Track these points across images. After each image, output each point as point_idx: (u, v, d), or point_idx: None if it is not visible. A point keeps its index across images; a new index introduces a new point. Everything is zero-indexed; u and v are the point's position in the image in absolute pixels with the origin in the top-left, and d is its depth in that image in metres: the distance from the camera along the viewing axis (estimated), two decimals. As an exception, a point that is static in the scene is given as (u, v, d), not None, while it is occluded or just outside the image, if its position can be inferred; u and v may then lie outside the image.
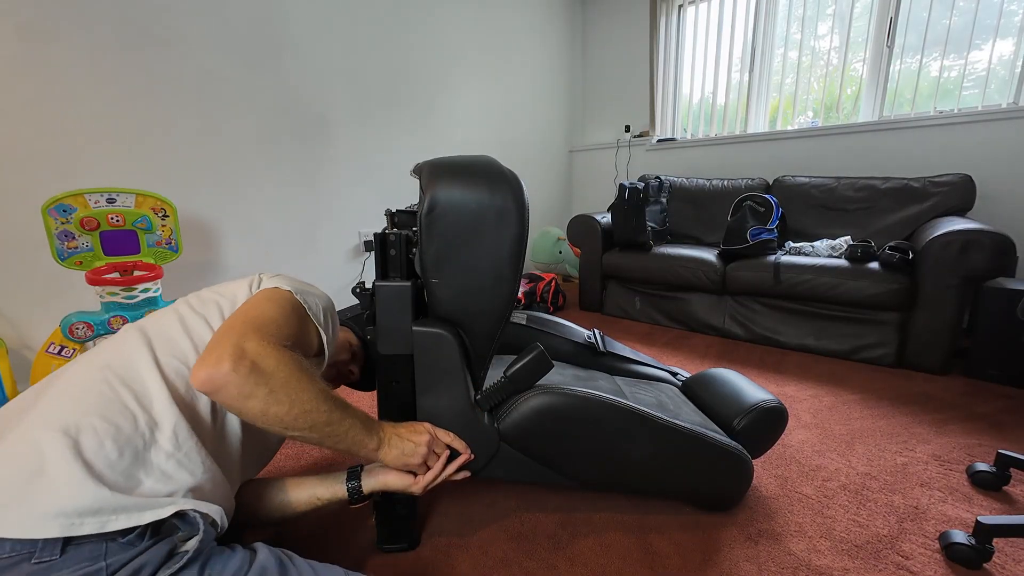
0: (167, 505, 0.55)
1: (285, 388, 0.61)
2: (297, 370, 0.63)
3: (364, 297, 0.88)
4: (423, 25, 2.52)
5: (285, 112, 2.03)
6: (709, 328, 2.21)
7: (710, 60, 3.01)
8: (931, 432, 1.31)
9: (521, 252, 0.82)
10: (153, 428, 0.59)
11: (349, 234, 2.37)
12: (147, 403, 0.61)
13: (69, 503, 0.50)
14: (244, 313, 0.68)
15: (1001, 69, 2.11)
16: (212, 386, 0.59)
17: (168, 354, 0.66)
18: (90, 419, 0.56)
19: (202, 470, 0.61)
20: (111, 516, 0.51)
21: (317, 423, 0.65)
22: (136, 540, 0.53)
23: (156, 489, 0.56)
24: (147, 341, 0.66)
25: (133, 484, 0.55)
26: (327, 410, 0.66)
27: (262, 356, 0.61)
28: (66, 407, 0.57)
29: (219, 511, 0.61)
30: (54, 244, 1.34)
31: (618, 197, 2.38)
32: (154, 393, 0.61)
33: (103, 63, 1.56)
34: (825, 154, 2.57)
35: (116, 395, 0.59)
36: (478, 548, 0.91)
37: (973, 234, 1.58)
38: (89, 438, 0.54)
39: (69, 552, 0.49)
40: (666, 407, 1.02)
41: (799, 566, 0.85)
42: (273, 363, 0.61)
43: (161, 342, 0.67)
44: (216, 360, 0.58)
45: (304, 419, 0.63)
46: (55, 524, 0.48)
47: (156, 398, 0.61)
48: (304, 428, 0.64)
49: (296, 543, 0.92)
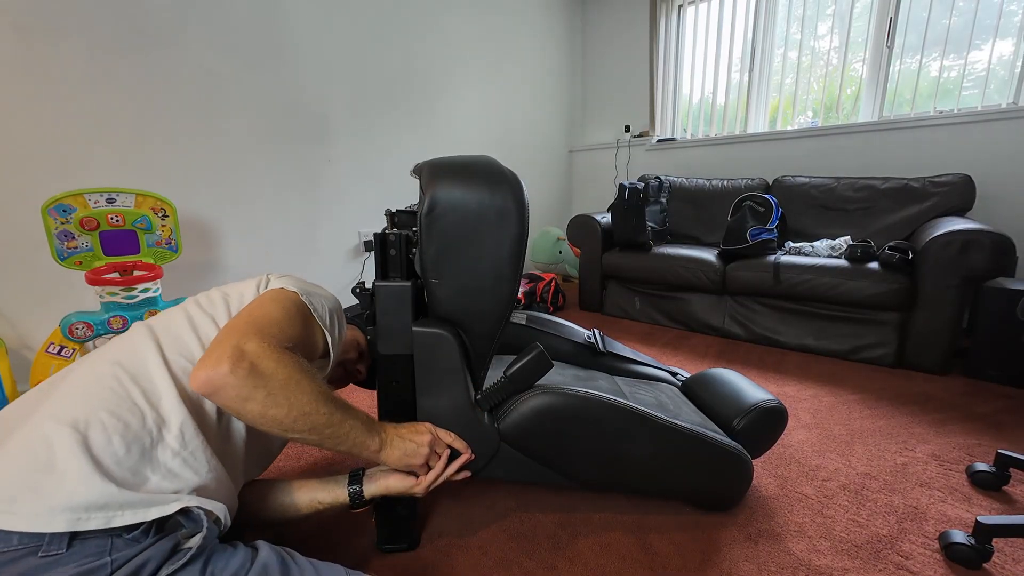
0: (172, 502, 0.55)
1: (284, 390, 0.61)
2: (297, 372, 0.63)
3: (364, 297, 0.88)
4: (423, 25, 2.52)
5: (285, 112, 2.03)
6: (709, 328, 2.21)
7: (710, 60, 3.01)
8: (931, 432, 1.31)
9: (521, 252, 0.82)
10: (160, 426, 0.59)
11: (349, 234, 2.37)
12: (155, 400, 0.61)
13: (77, 498, 0.50)
14: (248, 313, 0.68)
15: (1001, 69, 2.11)
16: (211, 387, 0.58)
17: (176, 352, 0.66)
18: (99, 414, 0.56)
19: (207, 469, 0.61)
20: (117, 512, 0.51)
21: (317, 425, 0.64)
22: (141, 536, 0.53)
23: (162, 486, 0.56)
24: (156, 339, 0.66)
25: (140, 481, 0.55)
26: (327, 412, 0.65)
27: (261, 357, 0.60)
28: (76, 402, 0.57)
29: (223, 509, 0.61)
30: (54, 244, 1.34)
31: (618, 197, 2.38)
32: (162, 391, 0.61)
33: (103, 63, 1.55)
34: (825, 154, 2.57)
35: (125, 392, 0.59)
36: (478, 548, 0.91)
37: (973, 234, 1.58)
38: (98, 433, 0.54)
39: (75, 547, 0.50)
40: (666, 407, 1.02)
41: (799, 566, 0.86)
42: (272, 364, 0.61)
43: (169, 340, 0.67)
44: (215, 361, 0.58)
45: (304, 421, 0.63)
46: (62, 519, 0.49)
47: (164, 396, 0.61)
48: (304, 430, 0.64)
49: (297, 543, 0.91)
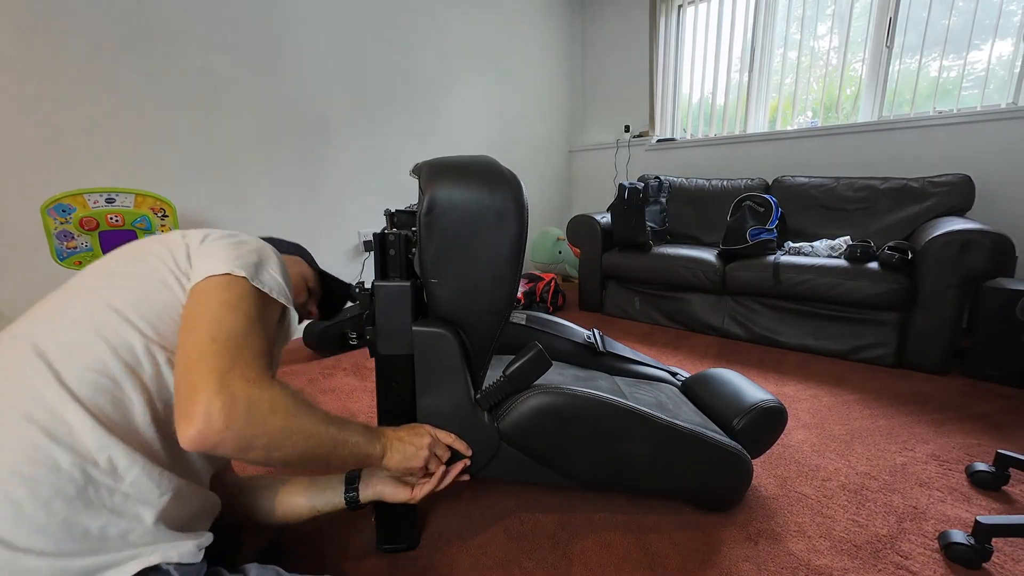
0: (129, 561, 0.49)
1: (285, 432, 0.56)
2: (293, 407, 0.58)
3: (364, 297, 0.88)
4: (423, 25, 2.52)
5: (285, 112, 2.04)
6: (709, 328, 2.21)
7: (710, 60, 3.01)
8: (930, 432, 1.31)
9: (520, 252, 0.82)
10: (84, 465, 0.49)
11: (349, 234, 2.37)
12: (64, 436, 0.49)
13: None
14: (208, 334, 0.55)
15: (1000, 69, 2.11)
16: (207, 446, 0.51)
17: (78, 367, 0.53)
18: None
19: (159, 493, 0.53)
20: None
21: (321, 453, 0.62)
22: None
23: (108, 532, 0.49)
24: (42, 355, 0.53)
25: (77, 537, 0.47)
26: (331, 437, 0.62)
27: (254, 401, 0.53)
28: None
29: (192, 544, 0.54)
30: (53, 244, 1.34)
31: (617, 197, 2.38)
32: (72, 421, 0.50)
33: (103, 63, 1.56)
34: (824, 154, 2.57)
35: (18, 438, 0.47)
36: (478, 548, 0.91)
37: (972, 234, 1.58)
38: (4, 510, 0.44)
39: None
40: (665, 407, 1.02)
41: (799, 566, 0.86)
42: (268, 406, 0.54)
43: (62, 353, 0.53)
44: (204, 417, 0.49)
45: (310, 453, 0.60)
46: None
47: (75, 427, 0.50)
48: (310, 460, 0.61)
49: (296, 544, 0.92)
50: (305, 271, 0.91)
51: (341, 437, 0.64)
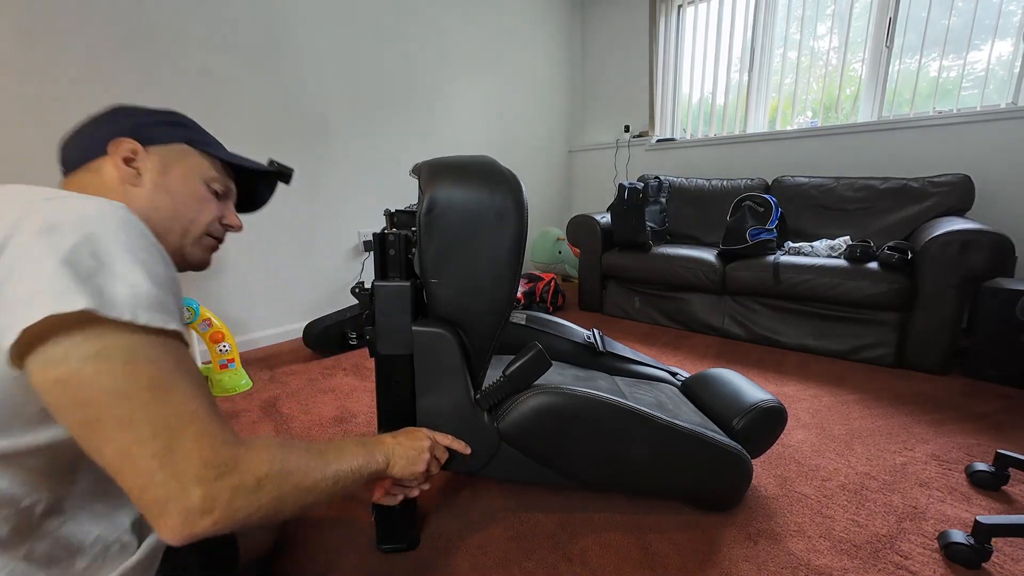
0: None
1: (279, 500, 0.49)
2: (279, 472, 0.50)
3: (363, 297, 0.88)
4: (423, 25, 2.52)
5: (285, 112, 2.03)
6: (709, 328, 2.21)
7: (709, 60, 3.01)
8: (930, 432, 1.31)
9: (520, 252, 0.82)
10: None
11: (349, 234, 2.36)
12: None
13: None
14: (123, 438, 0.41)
15: (1000, 69, 2.11)
16: (198, 539, 0.44)
17: None
18: None
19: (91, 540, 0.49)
20: None
21: (325, 496, 0.57)
22: None
23: None
24: None
25: None
26: (331, 475, 0.57)
27: (235, 487, 0.45)
28: None
29: None
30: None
31: (617, 197, 2.38)
32: None
33: (103, 63, 1.55)
34: (824, 154, 2.57)
35: None
36: (478, 548, 0.91)
37: (972, 234, 1.58)
38: None
39: None
40: (665, 407, 1.02)
41: (798, 566, 0.86)
42: (252, 484, 0.46)
43: None
44: (186, 525, 0.42)
45: (314, 501, 0.55)
46: None
47: None
48: (317, 504, 0.56)
49: (295, 544, 0.92)
50: (199, 166, 0.63)
51: (342, 470, 0.59)
